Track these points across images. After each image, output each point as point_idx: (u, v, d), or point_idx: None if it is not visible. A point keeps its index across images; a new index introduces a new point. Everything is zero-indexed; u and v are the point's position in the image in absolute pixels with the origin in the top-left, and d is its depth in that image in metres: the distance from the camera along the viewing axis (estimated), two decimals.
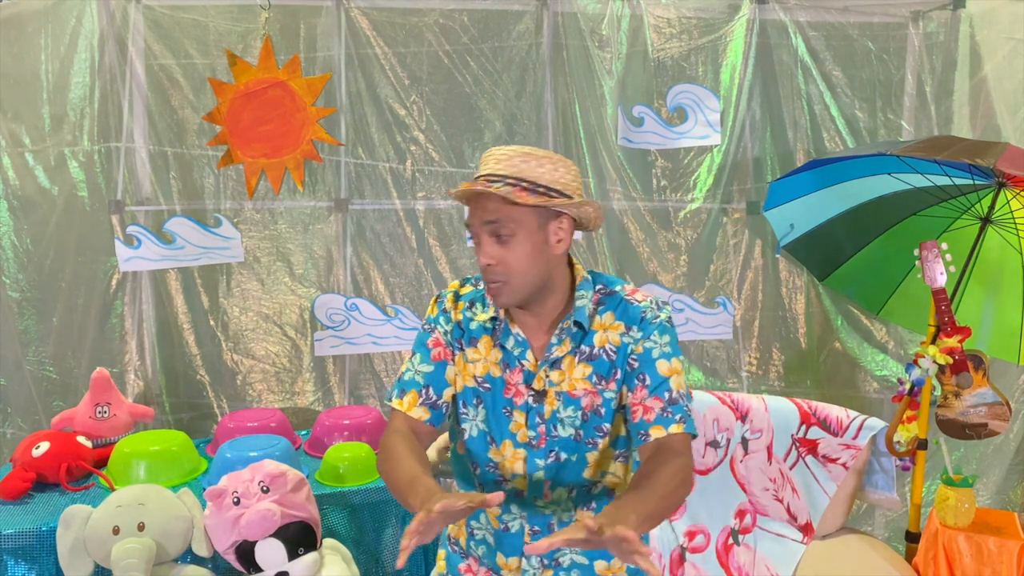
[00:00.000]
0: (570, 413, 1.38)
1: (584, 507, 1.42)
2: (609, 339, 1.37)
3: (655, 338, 1.36)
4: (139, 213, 2.83)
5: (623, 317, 1.38)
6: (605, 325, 1.38)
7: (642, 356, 1.35)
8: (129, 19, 2.75)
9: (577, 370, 1.38)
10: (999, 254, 2.55)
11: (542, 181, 1.31)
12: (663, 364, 1.35)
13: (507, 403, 1.40)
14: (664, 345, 1.36)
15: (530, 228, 1.31)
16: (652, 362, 1.35)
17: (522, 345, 1.40)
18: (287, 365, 2.98)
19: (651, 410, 1.33)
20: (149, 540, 1.87)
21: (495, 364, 1.41)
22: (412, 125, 2.93)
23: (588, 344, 1.37)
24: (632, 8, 2.97)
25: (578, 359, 1.37)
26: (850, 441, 2.30)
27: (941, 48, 3.05)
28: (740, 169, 3.11)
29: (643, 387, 1.34)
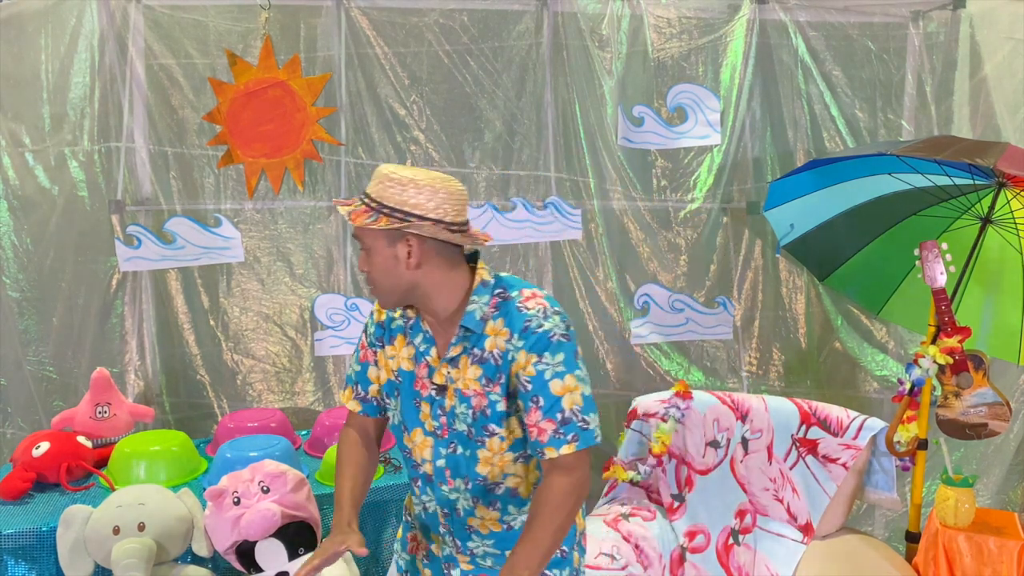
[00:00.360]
0: (464, 409, 1.46)
1: (485, 503, 1.49)
2: (497, 344, 1.42)
3: (547, 359, 1.38)
4: (139, 213, 2.83)
5: (509, 324, 1.42)
6: (496, 330, 1.43)
7: (535, 379, 1.38)
8: (129, 19, 2.75)
9: (470, 370, 1.45)
10: (999, 254, 2.55)
11: (388, 202, 1.40)
12: (556, 384, 1.38)
13: (416, 395, 1.52)
14: (557, 365, 1.39)
15: (380, 245, 1.43)
16: (545, 384, 1.38)
17: (428, 342, 1.50)
18: (287, 365, 2.98)
19: (544, 431, 1.37)
20: (149, 540, 1.87)
21: (407, 359, 1.52)
22: (412, 125, 2.93)
23: (480, 347, 1.44)
24: (632, 8, 2.97)
25: (471, 360, 1.45)
26: (850, 441, 2.30)
27: (941, 48, 3.05)
28: (740, 169, 3.11)
29: (537, 408, 1.38)
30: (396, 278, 1.44)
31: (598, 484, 2.64)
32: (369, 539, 2.28)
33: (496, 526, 1.50)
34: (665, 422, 2.52)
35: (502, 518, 1.49)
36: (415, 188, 1.40)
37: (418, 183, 1.40)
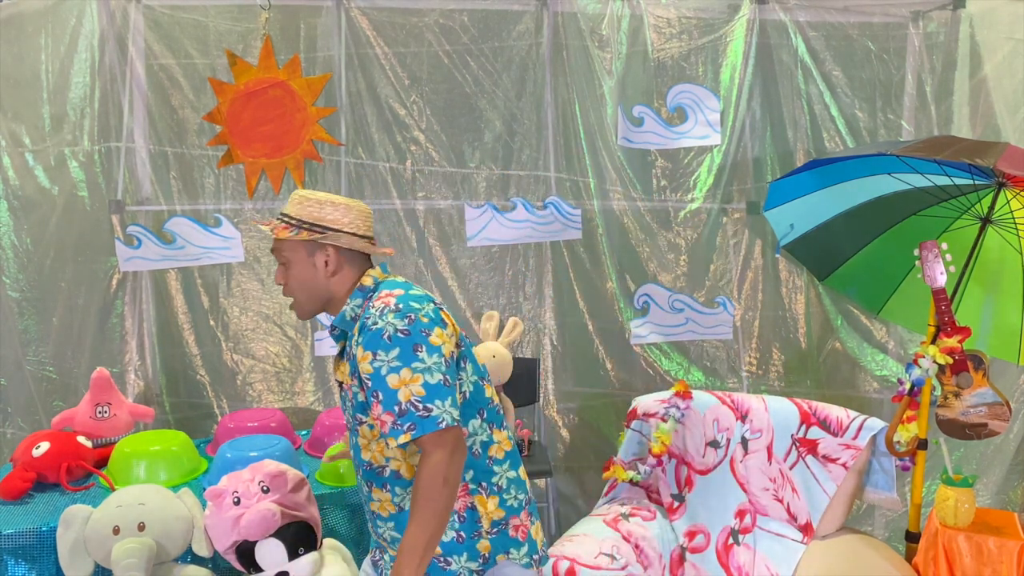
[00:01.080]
0: (346, 403, 1.61)
1: (378, 486, 1.58)
2: (354, 341, 1.54)
3: (382, 356, 1.45)
4: (139, 213, 2.83)
5: (361, 322, 1.53)
6: (356, 329, 1.55)
7: (373, 376, 1.46)
8: (129, 19, 2.75)
9: (347, 366, 1.58)
10: (999, 254, 2.55)
11: (307, 219, 1.58)
12: (392, 378, 1.44)
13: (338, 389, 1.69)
14: (392, 360, 1.45)
15: (300, 256, 1.59)
16: (383, 379, 1.45)
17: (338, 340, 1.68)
18: (287, 365, 2.99)
19: (385, 423, 1.44)
20: (149, 540, 1.87)
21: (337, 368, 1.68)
22: (412, 125, 2.94)
23: (350, 344, 1.56)
24: (632, 8, 2.97)
25: (346, 357, 1.59)
26: (850, 441, 2.30)
27: (941, 48, 3.05)
28: (740, 169, 3.11)
29: (377, 403, 1.45)
30: (314, 287, 1.60)
31: (598, 484, 2.65)
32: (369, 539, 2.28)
33: (391, 507, 1.58)
34: (665, 422, 2.52)
35: (393, 499, 1.57)
36: (332, 206, 1.60)
37: (334, 202, 1.60)
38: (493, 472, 1.59)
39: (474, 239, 3.00)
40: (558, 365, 3.10)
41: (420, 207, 2.98)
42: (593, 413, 3.14)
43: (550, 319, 3.08)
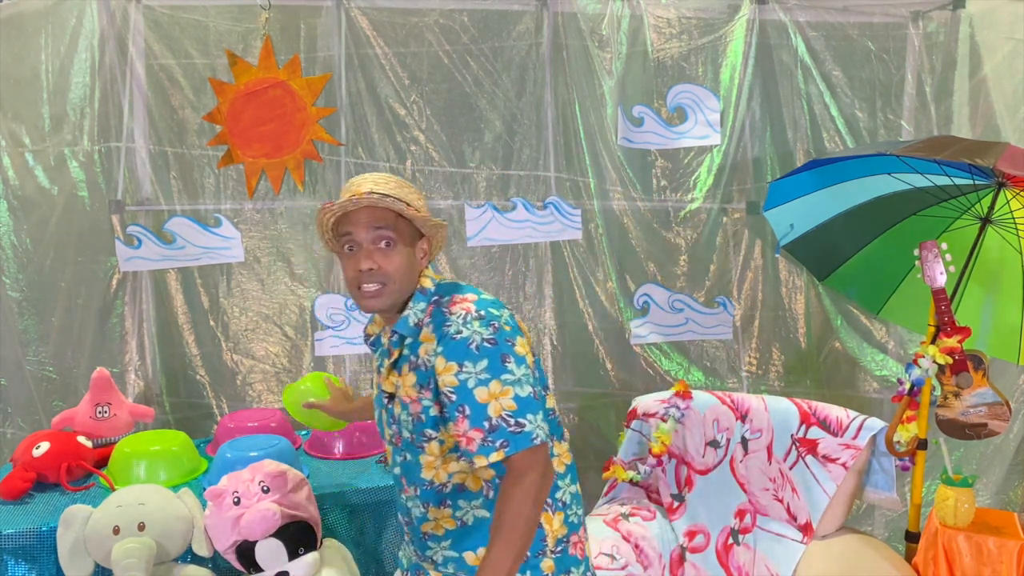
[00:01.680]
0: (405, 417, 1.47)
1: (436, 504, 1.48)
2: (427, 350, 1.42)
3: (468, 368, 1.36)
4: (139, 213, 2.83)
5: (435, 330, 1.42)
6: (427, 337, 1.43)
7: (458, 389, 1.36)
8: (129, 19, 2.75)
9: (408, 377, 1.45)
10: (999, 254, 2.55)
11: (414, 204, 1.49)
12: (481, 392, 1.35)
13: (378, 403, 1.58)
14: (480, 372, 1.36)
15: (406, 241, 1.48)
16: (470, 392, 1.35)
17: (383, 354, 1.55)
18: (287, 365, 2.99)
19: (473, 440, 1.34)
20: (149, 540, 1.87)
21: (376, 371, 1.59)
22: (412, 125, 2.94)
23: (415, 354, 1.44)
24: (632, 8, 2.97)
25: (409, 367, 1.45)
26: (850, 441, 2.30)
27: (941, 48, 3.05)
28: (740, 169, 3.11)
29: (464, 418, 1.35)
30: (409, 278, 1.48)
31: (598, 484, 2.65)
32: (369, 539, 2.29)
33: (450, 523, 1.48)
34: (665, 422, 2.52)
35: (454, 514, 1.47)
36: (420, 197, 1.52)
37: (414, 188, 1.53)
38: (558, 487, 1.50)
39: (474, 239, 3.00)
40: (558, 365, 3.10)
41: None
42: (593, 413, 3.14)
43: (550, 319, 3.08)
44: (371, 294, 1.46)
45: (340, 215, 1.48)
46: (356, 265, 1.46)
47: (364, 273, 1.45)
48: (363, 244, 1.46)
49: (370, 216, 1.45)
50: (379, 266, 1.45)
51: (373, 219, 1.45)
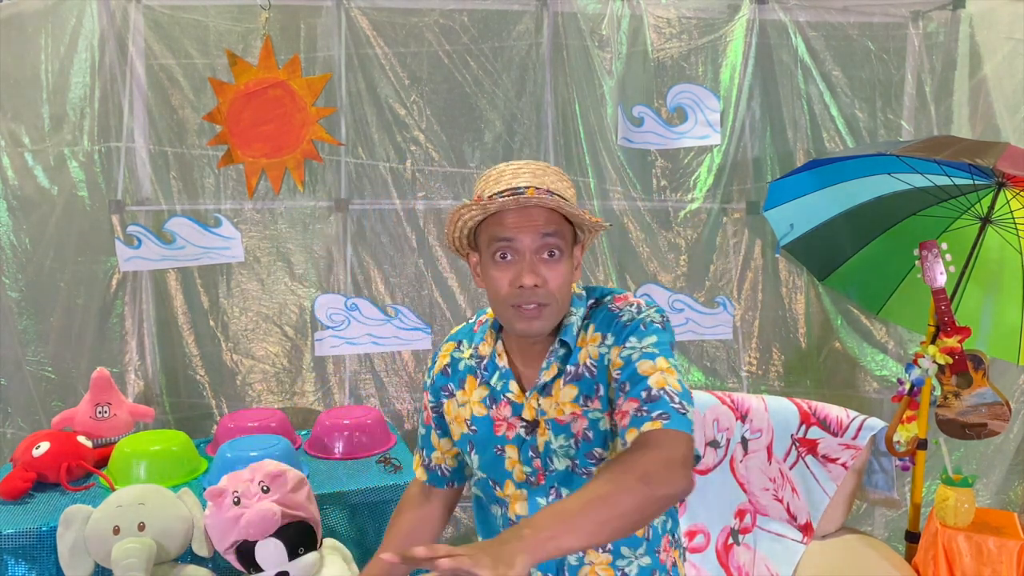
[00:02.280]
0: (562, 442, 1.25)
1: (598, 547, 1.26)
2: (590, 353, 1.25)
3: (634, 342, 1.20)
4: (139, 213, 2.83)
5: (601, 327, 1.27)
6: (587, 340, 1.27)
7: (623, 368, 1.19)
8: (129, 19, 2.75)
9: (564, 393, 1.25)
10: (999, 254, 2.55)
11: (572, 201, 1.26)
12: (644, 364, 1.18)
13: (497, 441, 1.30)
14: (647, 347, 1.20)
15: (568, 248, 1.25)
16: (632, 365, 1.18)
17: (505, 376, 1.31)
18: (287, 365, 2.98)
19: (626, 414, 1.15)
20: (149, 540, 1.87)
21: (479, 403, 1.33)
22: (412, 125, 2.93)
23: (573, 363, 1.26)
24: (632, 8, 2.97)
25: (564, 381, 1.26)
26: (850, 441, 2.30)
27: (941, 48, 3.05)
28: (740, 169, 3.11)
29: (623, 395, 1.17)
30: (569, 292, 1.28)
31: None
32: (369, 539, 2.29)
33: (607, 572, 1.26)
34: None
35: (614, 562, 1.26)
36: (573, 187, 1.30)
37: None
38: (678, 523, 1.38)
39: None
40: None
41: (420, 207, 2.98)
42: None
43: None
44: (532, 314, 1.22)
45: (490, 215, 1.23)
46: (515, 279, 1.21)
47: (527, 290, 1.20)
48: (525, 253, 1.21)
49: (538, 219, 1.21)
50: (545, 281, 1.21)
51: (542, 223, 1.21)
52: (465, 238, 1.30)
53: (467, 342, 1.40)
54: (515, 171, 1.25)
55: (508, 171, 1.25)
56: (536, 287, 1.21)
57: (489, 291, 1.26)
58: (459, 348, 1.40)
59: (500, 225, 1.22)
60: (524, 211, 1.21)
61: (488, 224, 1.24)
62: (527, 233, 1.21)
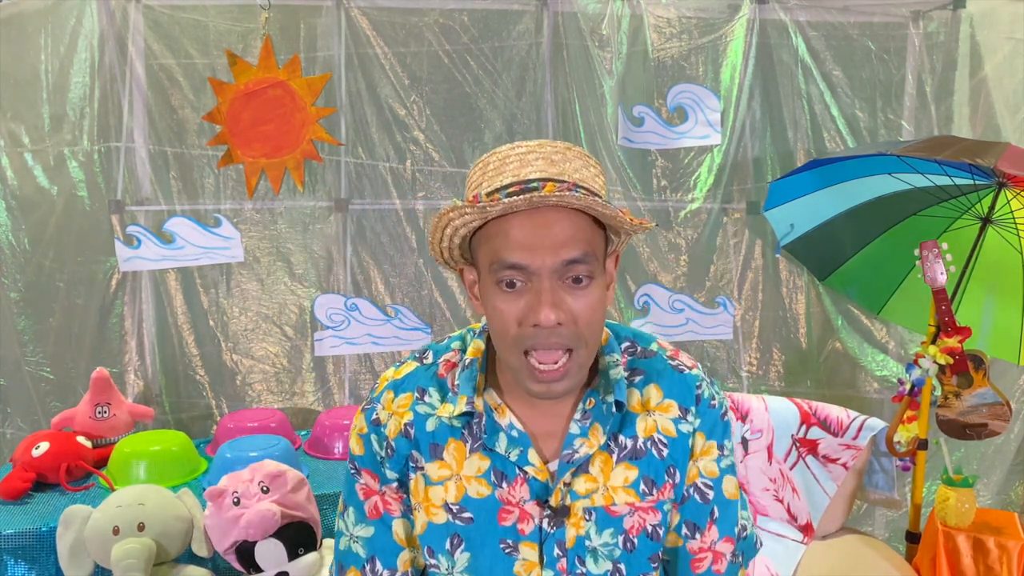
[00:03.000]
0: (607, 539, 0.95)
1: None
2: (659, 424, 0.96)
3: (727, 449, 0.98)
4: (139, 213, 2.83)
5: (674, 393, 0.98)
6: (649, 404, 0.97)
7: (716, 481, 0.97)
8: (129, 19, 2.75)
9: (616, 474, 0.94)
10: (999, 254, 2.55)
11: (602, 194, 0.91)
12: (729, 483, 0.98)
13: (505, 534, 0.96)
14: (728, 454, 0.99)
15: (600, 265, 0.92)
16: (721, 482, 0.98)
17: (521, 443, 0.95)
18: (287, 365, 2.98)
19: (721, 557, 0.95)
20: (149, 540, 1.87)
21: (478, 479, 0.96)
22: (412, 125, 2.93)
23: (630, 434, 0.95)
24: (632, 8, 2.97)
25: (616, 457, 0.95)
26: (850, 441, 2.29)
27: (941, 48, 3.05)
28: (740, 169, 3.11)
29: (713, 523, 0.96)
30: (602, 325, 0.95)
31: None
32: None
33: None
34: None
35: None
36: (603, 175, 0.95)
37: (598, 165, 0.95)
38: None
39: None
40: None
41: (420, 207, 2.98)
42: None
43: None
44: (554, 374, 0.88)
45: (490, 220, 0.90)
46: (528, 313, 0.88)
47: (543, 330, 0.87)
48: (543, 279, 0.87)
49: (560, 233, 0.87)
50: (571, 316, 0.88)
51: (565, 239, 0.87)
52: (456, 248, 0.97)
53: (436, 390, 1.00)
54: (522, 156, 0.90)
55: (513, 156, 0.90)
56: (559, 325, 0.87)
57: (491, 326, 0.93)
58: (423, 399, 1.00)
59: (504, 240, 0.87)
60: (539, 218, 0.87)
61: (488, 234, 0.90)
62: (544, 254, 0.86)
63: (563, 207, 0.87)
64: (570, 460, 0.94)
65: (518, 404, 0.98)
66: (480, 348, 1.01)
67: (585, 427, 0.95)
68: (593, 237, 0.90)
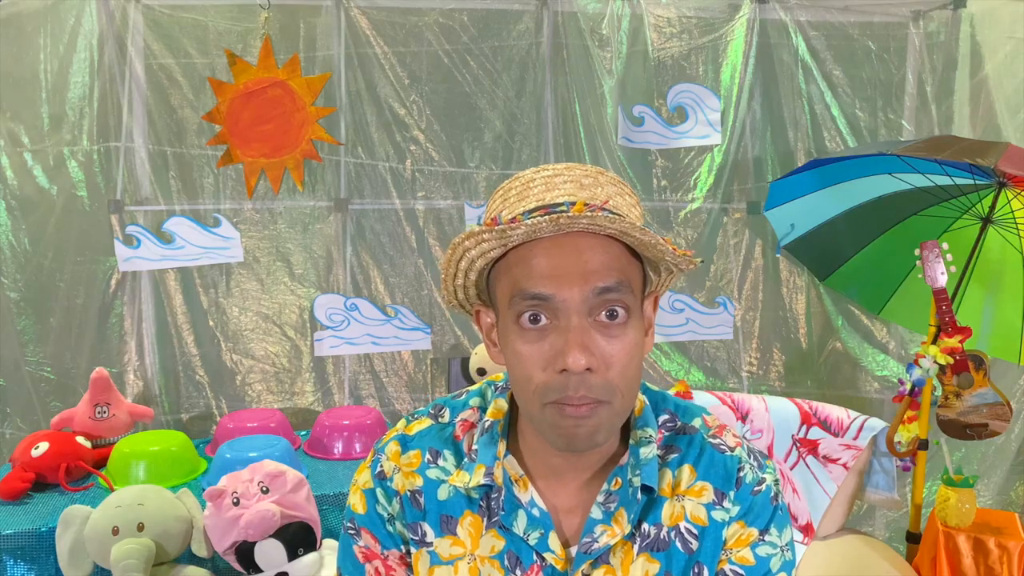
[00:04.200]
0: None
1: None
2: (687, 511, 0.83)
3: (774, 536, 0.84)
4: (138, 213, 2.83)
5: (709, 475, 0.85)
6: (680, 487, 0.84)
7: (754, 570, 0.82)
8: (128, 18, 2.75)
9: (636, 568, 0.82)
10: (1000, 254, 2.54)
11: (641, 223, 0.80)
12: None
13: None
14: (785, 549, 0.85)
15: (637, 304, 0.82)
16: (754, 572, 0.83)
17: (542, 523, 0.83)
18: (286, 365, 2.98)
19: None
20: (148, 540, 1.87)
21: (491, 559, 0.84)
22: (412, 125, 2.93)
23: (654, 520, 0.83)
24: (632, 7, 2.97)
25: (637, 547, 0.82)
26: (851, 441, 2.29)
27: (942, 48, 3.04)
28: (741, 169, 3.11)
29: None
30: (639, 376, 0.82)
31: None
32: None
33: None
34: None
35: None
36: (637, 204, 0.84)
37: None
38: None
39: None
40: None
41: (420, 207, 2.98)
42: None
43: None
44: (583, 427, 0.77)
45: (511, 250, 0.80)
46: (555, 357, 0.77)
47: (572, 377, 0.76)
48: (571, 316, 0.76)
49: (591, 259, 0.77)
50: (604, 362, 0.77)
51: (598, 266, 0.76)
52: (472, 287, 0.86)
53: (452, 454, 0.88)
54: (548, 180, 0.80)
55: (538, 180, 0.81)
56: (589, 371, 0.75)
57: (512, 375, 0.81)
58: (435, 462, 0.88)
59: (526, 269, 0.77)
60: (567, 244, 0.77)
61: (509, 264, 0.80)
62: (572, 282, 0.76)
63: (594, 233, 0.76)
64: (588, 551, 0.82)
65: (541, 474, 0.86)
66: (502, 409, 0.88)
67: (609, 512, 0.82)
68: (629, 268, 0.80)
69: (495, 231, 0.75)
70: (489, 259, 0.80)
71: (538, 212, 0.77)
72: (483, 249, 0.78)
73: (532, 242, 0.77)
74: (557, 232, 0.76)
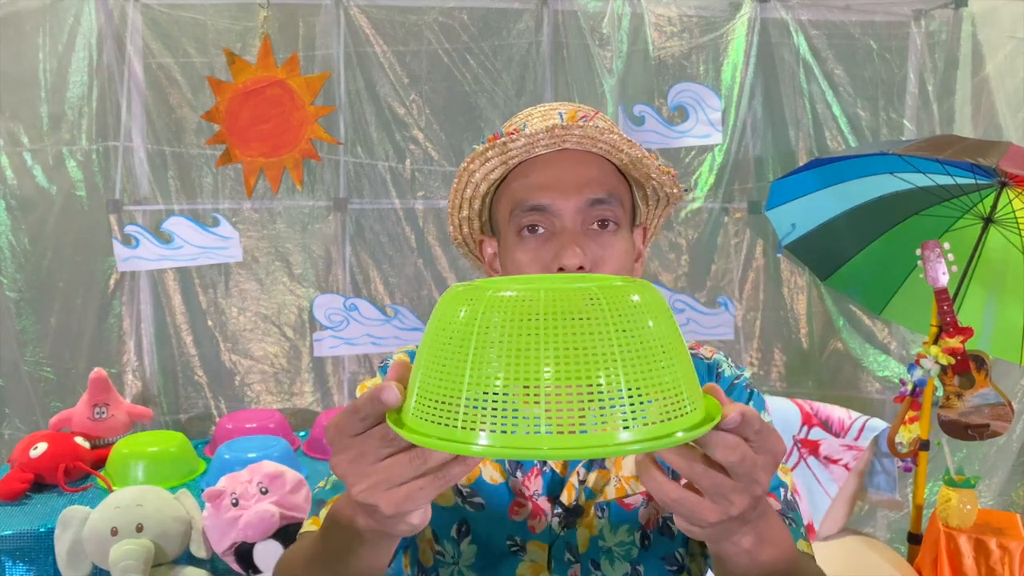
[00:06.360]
0: (623, 537, 0.87)
1: None
2: None
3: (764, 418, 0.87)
4: (137, 213, 2.82)
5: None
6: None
7: None
8: (127, 18, 2.74)
9: (628, 460, 0.86)
10: (1001, 254, 2.54)
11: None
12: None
13: (515, 531, 0.87)
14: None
15: (627, 221, 0.90)
16: None
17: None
18: (286, 365, 2.97)
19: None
20: (147, 541, 1.86)
21: (493, 462, 0.88)
22: (411, 124, 2.92)
23: None
24: (633, 6, 2.96)
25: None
26: (852, 442, 2.29)
27: (943, 47, 3.04)
28: (741, 168, 3.10)
29: None
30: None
31: None
32: None
33: None
34: None
35: None
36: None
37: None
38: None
39: None
40: None
41: (419, 206, 2.97)
42: None
43: None
44: None
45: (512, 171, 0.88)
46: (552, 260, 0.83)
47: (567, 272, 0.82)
48: (565, 221, 0.85)
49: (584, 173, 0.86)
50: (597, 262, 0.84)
51: (588, 177, 0.86)
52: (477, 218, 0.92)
53: None
54: (545, 112, 0.90)
55: (536, 113, 0.91)
56: (582, 270, 0.81)
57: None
58: None
59: (525, 183, 0.86)
60: (563, 161, 0.86)
61: (509, 183, 0.89)
62: (567, 192, 0.84)
63: (588, 152, 0.87)
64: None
65: None
66: None
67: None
68: (620, 187, 0.90)
69: (497, 145, 0.85)
70: (491, 181, 0.90)
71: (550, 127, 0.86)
72: (487, 170, 0.88)
73: (529, 161, 0.87)
74: (553, 146, 0.86)
